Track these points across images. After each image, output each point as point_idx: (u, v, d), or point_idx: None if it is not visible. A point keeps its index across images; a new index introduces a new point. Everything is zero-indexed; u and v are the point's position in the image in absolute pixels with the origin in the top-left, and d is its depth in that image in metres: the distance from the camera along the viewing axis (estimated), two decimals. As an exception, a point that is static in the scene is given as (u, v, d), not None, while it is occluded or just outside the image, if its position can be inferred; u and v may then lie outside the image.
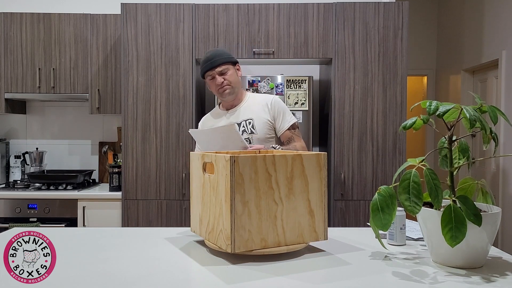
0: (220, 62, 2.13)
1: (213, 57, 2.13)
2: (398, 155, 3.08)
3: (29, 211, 3.17)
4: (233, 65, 2.19)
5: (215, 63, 2.12)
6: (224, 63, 2.14)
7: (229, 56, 2.19)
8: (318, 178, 1.49)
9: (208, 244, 1.50)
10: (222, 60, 2.13)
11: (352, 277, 1.26)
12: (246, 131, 2.15)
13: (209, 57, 2.14)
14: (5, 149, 3.65)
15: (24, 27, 3.38)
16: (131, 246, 1.59)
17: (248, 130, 2.15)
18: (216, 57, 2.13)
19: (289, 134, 2.19)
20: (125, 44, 3.12)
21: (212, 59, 2.13)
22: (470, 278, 1.23)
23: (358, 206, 3.09)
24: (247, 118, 2.17)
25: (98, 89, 3.38)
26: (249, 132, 2.15)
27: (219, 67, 2.13)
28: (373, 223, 1.29)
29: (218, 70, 2.13)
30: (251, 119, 2.16)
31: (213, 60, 2.12)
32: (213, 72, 2.13)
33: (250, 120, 2.16)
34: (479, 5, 4.35)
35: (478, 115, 1.26)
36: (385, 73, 3.08)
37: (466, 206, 1.25)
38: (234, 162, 1.35)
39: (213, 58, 2.13)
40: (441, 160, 1.43)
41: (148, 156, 3.13)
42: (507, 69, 3.81)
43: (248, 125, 2.15)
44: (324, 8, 3.10)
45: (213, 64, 2.12)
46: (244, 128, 2.15)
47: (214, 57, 2.13)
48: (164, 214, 3.12)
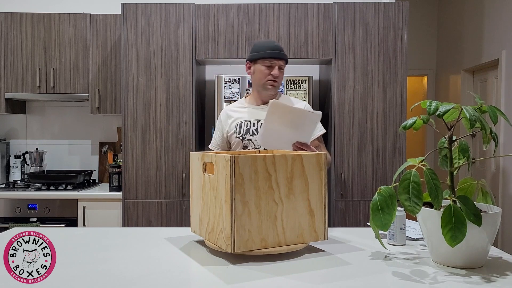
0: (285, 58, 2.10)
1: (280, 49, 2.10)
2: (398, 155, 3.08)
3: (29, 211, 3.17)
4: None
5: (282, 56, 2.09)
6: (286, 61, 2.12)
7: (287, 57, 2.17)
8: (318, 178, 1.49)
9: (208, 244, 1.50)
10: (286, 57, 2.11)
11: (352, 277, 1.26)
12: None
13: (277, 46, 2.10)
14: (5, 149, 3.65)
15: (24, 27, 3.38)
16: (131, 246, 1.59)
17: None
18: (282, 51, 2.10)
19: (317, 143, 2.15)
20: (125, 44, 3.12)
21: (280, 50, 2.09)
22: (470, 278, 1.23)
23: (358, 206, 3.09)
24: None
25: (98, 89, 3.38)
26: None
27: (282, 61, 2.09)
28: (373, 223, 1.29)
29: (280, 63, 2.08)
30: None
31: (281, 52, 2.09)
32: (275, 62, 2.07)
33: None
34: (479, 5, 4.35)
35: (478, 115, 1.26)
36: (385, 73, 3.08)
37: (466, 206, 1.25)
38: (234, 162, 1.35)
39: (280, 50, 2.09)
40: (441, 160, 1.43)
41: (148, 156, 3.13)
42: (507, 69, 3.81)
43: None
44: (324, 8, 3.10)
45: (280, 55, 2.08)
46: None
47: (281, 50, 2.10)
48: (164, 214, 3.12)
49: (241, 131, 2.11)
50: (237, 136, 2.11)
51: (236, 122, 2.14)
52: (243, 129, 2.11)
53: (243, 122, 2.12)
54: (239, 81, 3.13)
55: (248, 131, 2.10)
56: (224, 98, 3.13)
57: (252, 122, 2.11)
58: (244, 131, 2.10)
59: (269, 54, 2.06)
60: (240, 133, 2.11)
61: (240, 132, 2.11)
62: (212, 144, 2.27)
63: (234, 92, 3.12)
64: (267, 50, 2.08)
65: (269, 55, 2.06)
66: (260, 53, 2.08)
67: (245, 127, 2.11)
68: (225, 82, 3.14)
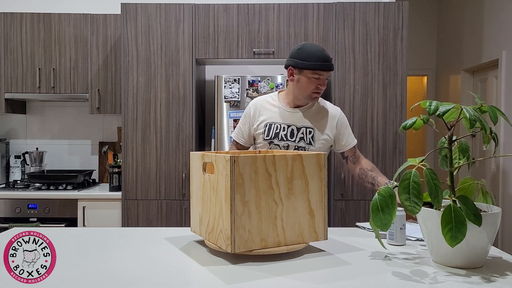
0: (333, 70, 1.99)
1: (330, 60, 1.96)
2: (398, 155, 3.08)
3: (29, 211, 3.17)
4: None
5: (332, 68, 1.97)
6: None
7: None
8: (318, 178, 1.49)
9: (208, 244, 1.50)
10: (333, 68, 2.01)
11: (352, 277, 1.26)
12: (304, 140, 2.01)
13: (327, 57, 1.95)
14: (5, 149, 3.65)
15: (24, 27, 3.38)
16: (131, 246, 1.59)
17: (307, 139, 2.01)
18: (331, 62, 1.97)
19: (355, 149, 2.11)
20: (125, 44, 3.12)
21: (330, 62, 1.96)
22: (470, 278, 1.23)
23: (358, 206, 3.09)
24: (309, 125, 2.02)
25: (98, 89, 3.38)
26: (307, 141, 2.01)
27: (329, 73, 1.98)
28: (373, 223, 1.29)
29: (327, 76, 1.97)
30: (312, 129, 2.02)
31: (331, 64, 1.96)
32: (325, 73, 1.95)
33: (311, 129, 2.02)
34: (479, 5, 4.35)
35: (478, 115, 1.26)
36: (385, 73, 3.08)
37: (466, 206, 1.25)
38: (234, 162, 1.35)
39: (330, 61, 1.96)
40: (441, 160, 1.43)
41: (148, 156, 3.13)
42: (507, 69, 3.81)
43: (308, 135, 2.01)
44: (324, 8, 3.10)
45: (331, 68, 1.95)
46: (302, 136, 2.01)
47: (330, 60, 1.97)
48: (164, 214, 3.12)
49: (269, 134, 2.02)
50: (265, 138, 2.03)
51: (266, 123, 2.04)
52: (272, 132, 2.02)
53: (273, 124, 2.02)
54: (239, 81, 3.13)
55: (277, 135, 2.01)
56: (224, 98, 3.13)
57: (283, 126, 2.02)
58: (273, 135, 2.02)
59: (320, 66, 1.92)
60: (268, 136, 2.02)
61: (269, 135, 2.02)
62: (236, 134, 2.14)
63: (234, 92, 3.12)
64: (317, 61, 1.92)
65: (319, 67, 1.92)
66: (310, 64, 1.92)
67: (274, 130, 2.02)
68: (225, 82, 3.14)
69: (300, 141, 2.01)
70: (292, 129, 2.02)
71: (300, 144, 2.00)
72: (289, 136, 2.01)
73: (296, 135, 2.01)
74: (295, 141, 2.00)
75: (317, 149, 2.01)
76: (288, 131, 2.01)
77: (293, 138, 2.01)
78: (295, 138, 2.00)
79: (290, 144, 2.00)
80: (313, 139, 2.01)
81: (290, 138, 2.01)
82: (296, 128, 2.02)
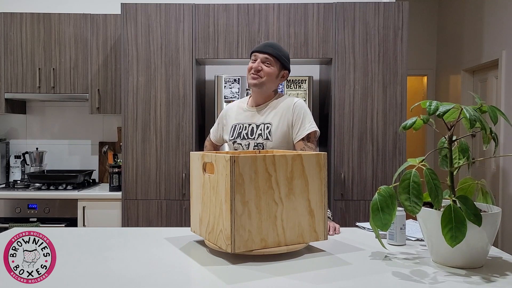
0: (270, 52, 2.00)
1: (269, 45, 2.03)
2: (398, 155, 3.08)
3: (29, 211, 3.17)
4: (280, 67, 2.03)
5: (265, 50, 2.01)
6: (273, 57, 2.01)
7: (283, 57, 2.04)
8: (318, 178, 1.49)
9: (208, 244, 1.50)
10: (273, 52, 2.01)
11: (352, 277, 1.26)
12: (262, 136, 2.02)
13: (267, 43, 2.06)
14: (5, 149, 3.65)
15: (24, 27, 3.38)
16: (131, 246, 1.59)
17: (264, 135, 2.01)
18: (271, 47, 2.02)
19: (302, 145, 1.99)
20: (125, 44, 3.12)
21: (266, 45, 2.03)
22: (470, 278, 1.23)
23: (358, 206, 3.09)
24: (267, 122, 2.03)
25: (98, 89, 3.38)
26: (264, 137, 2.01)
27: (266, 54, 1.99)
28: (373, 223, 1.30)
29: (262, 56, 1.99)
30: (269, 124, 2.02)
31: (266, 46, 2.02)
32: (257, 55, 2.01)
33: (268, 125, 2.02)
34: (479, 5, 4.35)
35: (478, 115, 1.26)
36: (385, 73, 3.08)
37: (466, 206, 1.25)
38: (234, 162, 1.35)
39: (268, 45, 2.03)
40: (441, 160, 1.43)
41: (148, 156, 3.13)
42: (507, 69, 3.81)
43: (265, 130, 2.02)
44: (324, 8, 3.10)
45: (263, 49, 2.01)
46: (261, 132, 2.02)
47: (270, 46, 2.03)
48: (164, 214, 3.12)
49: (233, 134, 2.08)
50: (230, 139, 2.10)
51: (232, 124, 2.11)
52: (236, 132, 2.08)
53: (237, 125, 2.09)
54: (239, 81, 3.13)
55: (239, 134, 2.06)
56: (224, 98, 3.13)
57: (245, 126, 2.07)
58: (236, 134, 2.07)
59: (254, 48, 2.06)
60: (232, 136, 2.08)
61: (233, 136, 2.08)
62: (212, 132, 2.27)
63: (234, 92, 3.13)
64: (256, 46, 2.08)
65: (253, 49, 2.06)
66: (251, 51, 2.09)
67: (237, 130, 2.08)
68: (225, 82, 3.14)
69: (259, 137, 2.02)
70: (252, 127, 2.05)
71: (258, 140, 2.02)
72: (250, 134, 2.04)
73: (255, 132, 2.04)
74: (254, 139, 2.03)
75: (276, 144, 2.00)
76: (249, 130, 2.06)
77: (253, 135, 2.04)
78: (254, 136, 2.03)
79: (250, 142, 2.03)
80: (270, 133, 2.01)
81: (250, 136, 2.04)
82: (255, 126, 2.05)
